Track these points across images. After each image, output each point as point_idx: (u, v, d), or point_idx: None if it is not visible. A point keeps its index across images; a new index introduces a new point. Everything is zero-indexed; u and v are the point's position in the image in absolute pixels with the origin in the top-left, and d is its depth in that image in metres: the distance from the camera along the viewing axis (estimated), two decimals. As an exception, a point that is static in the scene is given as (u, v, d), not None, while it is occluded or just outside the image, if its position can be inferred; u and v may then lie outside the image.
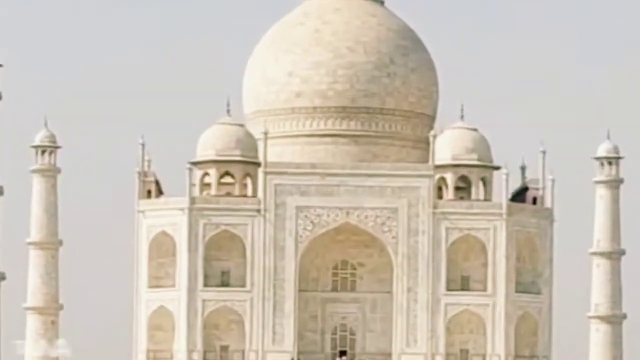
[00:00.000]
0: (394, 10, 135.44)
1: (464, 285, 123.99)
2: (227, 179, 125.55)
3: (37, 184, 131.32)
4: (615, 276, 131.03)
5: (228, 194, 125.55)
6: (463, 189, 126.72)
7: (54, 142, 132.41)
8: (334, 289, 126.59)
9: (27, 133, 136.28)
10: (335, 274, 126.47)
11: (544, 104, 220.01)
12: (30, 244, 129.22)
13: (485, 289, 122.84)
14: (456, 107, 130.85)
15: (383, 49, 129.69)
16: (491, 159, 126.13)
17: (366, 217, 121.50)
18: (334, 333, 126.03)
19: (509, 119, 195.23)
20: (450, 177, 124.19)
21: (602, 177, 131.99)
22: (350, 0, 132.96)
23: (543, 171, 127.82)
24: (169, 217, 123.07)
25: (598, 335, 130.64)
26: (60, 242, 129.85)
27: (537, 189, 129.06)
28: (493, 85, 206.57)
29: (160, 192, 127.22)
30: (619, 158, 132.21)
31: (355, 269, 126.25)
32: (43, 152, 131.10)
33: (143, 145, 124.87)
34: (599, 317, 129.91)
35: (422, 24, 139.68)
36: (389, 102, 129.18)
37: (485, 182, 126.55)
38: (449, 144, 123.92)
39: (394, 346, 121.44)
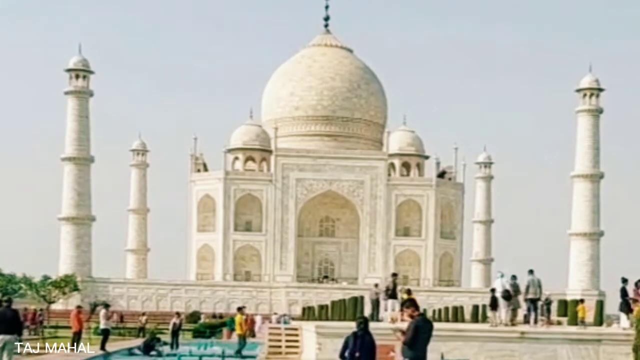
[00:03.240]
0: (359, 55, 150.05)
1: (406, 232, 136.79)
2: (250, 163, 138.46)
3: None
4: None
5: (250, 170, 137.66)
6: (406, 169, 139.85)
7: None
8: (320, 235, 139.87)
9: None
10: (321, 225, 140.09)
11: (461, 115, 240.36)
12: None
13: (420, 235, 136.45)
14: (400, 117, 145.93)
15: (353, 79, 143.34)
16: (424, 151, 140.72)
17: (342, 186, 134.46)
18: (320, 264, 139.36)
19: (436, 125, 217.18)
20: (397, 161, 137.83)
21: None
22: (331, 48, 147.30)
23: (456, 159, 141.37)
24: (211, 184, 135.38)
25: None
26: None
27: (450, 172, 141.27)
28: (425, 102, 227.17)
29: (206, 169, 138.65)
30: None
31: (334, 221, 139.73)
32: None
33: (195, 139, 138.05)
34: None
35: (377, 64, 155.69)
36: (356, 114, 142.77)
37: (419, 165, 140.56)
38: (396, 140, 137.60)
39: (360, 273, 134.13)
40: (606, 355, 29.73)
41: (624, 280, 33.94)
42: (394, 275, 40.48)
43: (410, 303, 18.02)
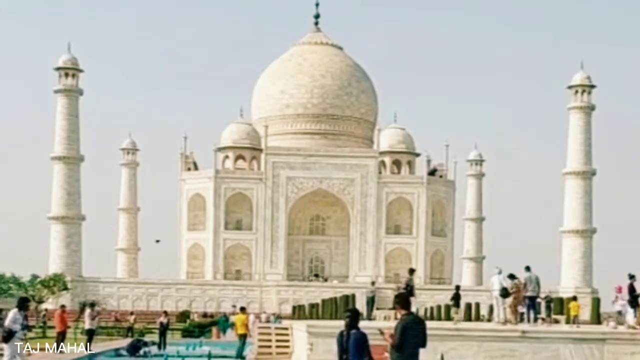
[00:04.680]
0: (349, 53, 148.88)
1: (397, 230, 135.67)
2: (240, 162, 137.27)
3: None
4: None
5: (240, 169, 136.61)
6: (396, 167, 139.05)
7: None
8: (311, 233, 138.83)
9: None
10: (311, 223, 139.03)
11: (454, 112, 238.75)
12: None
13: (411, 233, 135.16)
14: (391, 114, 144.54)
15: (343, 77, 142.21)
16: (414, 148, 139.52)
17: (333, 184, 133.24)
18: (311, 262, 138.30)
19: (427, 123, 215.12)
20: (388, 159, 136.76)
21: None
22: (322, 46, 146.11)
23: (447, 157, 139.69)
24: (201, 183, 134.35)
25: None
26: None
27: (442, 169, 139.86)
28: (415, 100, 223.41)
29: (196, 168, 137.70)
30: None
31: (324, 220, 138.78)
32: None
33: (185, 138, 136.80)
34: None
35: (367, 62, 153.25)
36: (347, 111, 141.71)
37: (410, 163, 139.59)
38: (387, 138, 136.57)
39: (351, 271, 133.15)
40: (610, 355, 28.09)
41: (631, 277, 32.32)
42: (412, 271, 38.13)
43: (398, 301, 16.11)
